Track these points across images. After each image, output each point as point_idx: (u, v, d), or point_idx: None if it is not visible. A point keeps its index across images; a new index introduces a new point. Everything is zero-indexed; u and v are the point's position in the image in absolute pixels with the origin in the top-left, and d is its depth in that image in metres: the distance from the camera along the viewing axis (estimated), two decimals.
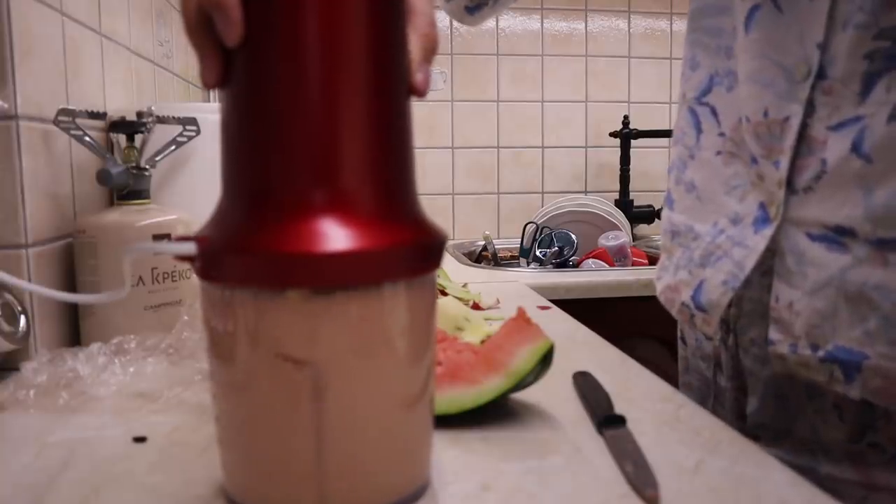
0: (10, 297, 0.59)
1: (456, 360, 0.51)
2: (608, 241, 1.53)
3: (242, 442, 0.36)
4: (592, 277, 1.28)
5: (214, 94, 1.33)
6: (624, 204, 1.79)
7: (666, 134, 1.71)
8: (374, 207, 0.34)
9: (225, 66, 0.34)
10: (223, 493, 0.38)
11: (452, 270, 1.29)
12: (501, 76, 1.87)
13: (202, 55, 0.34)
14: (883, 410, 0.49)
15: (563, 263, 1.50)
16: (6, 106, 0.60)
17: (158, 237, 0.68)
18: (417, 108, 0.39)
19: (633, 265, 1.50)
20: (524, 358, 0.49)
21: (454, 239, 1.82)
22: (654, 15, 1.91)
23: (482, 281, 1.20)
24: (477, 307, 0.90)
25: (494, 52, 1.86)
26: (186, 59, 1.27)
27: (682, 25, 1.89)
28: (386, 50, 0.35)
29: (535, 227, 1.59)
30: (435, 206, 1.84)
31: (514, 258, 1.68)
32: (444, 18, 1.73)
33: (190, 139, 0.76)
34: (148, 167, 0.72)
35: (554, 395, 0.54)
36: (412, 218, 0.36)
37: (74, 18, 0.73)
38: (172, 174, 0.81)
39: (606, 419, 0.47)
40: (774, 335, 0.52)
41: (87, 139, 0.68)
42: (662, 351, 1.15)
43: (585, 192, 1.91)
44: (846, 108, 0.47)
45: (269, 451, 0.35)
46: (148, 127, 0.72)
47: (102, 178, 0.69)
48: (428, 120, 1.83)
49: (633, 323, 1.20)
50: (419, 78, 0.36)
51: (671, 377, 0.65)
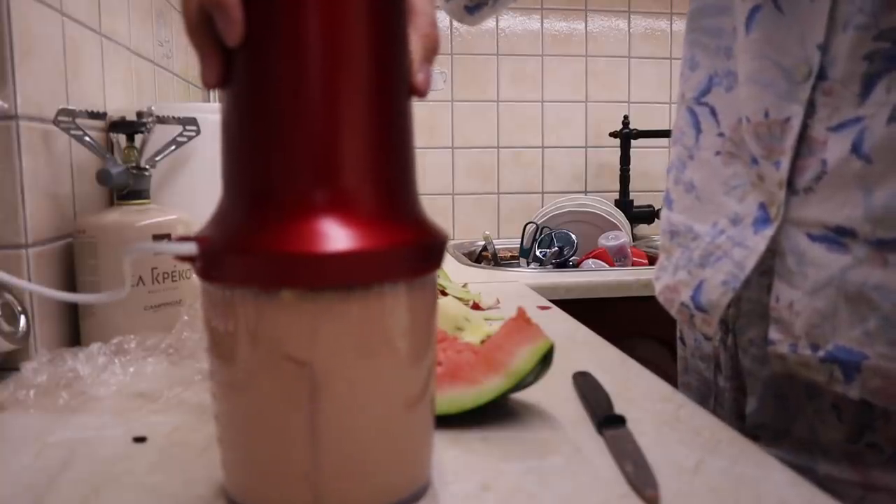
0: (10, 297, 0.59)
1: (456, 360, 0.51)
2: (608, 241, 1.53)
3: (242, 442, 0.36)
4: (592, 277, 1.28)
5: (214, 94, 1.33)
6: (624, 204, 1.79)
7: (666, 134, 1.71)
8: (375, 207, 0.34)
9: (225, 65, 0.34)
10: (223, 493, 0.38)
11: (452, 270, 1.29)
12: (501, 76, 1.87)
13: (203, 55, 0.34)
14: (881, 411, 0.49)
15: (563, 263, 1.50)
16: (6, 106, 0.60)
17: (158, 237, 0.68)
18: (418, 108, 0.39)
19: (633, 265, 1.50)
20: (524, 358, 0.49)
21: (454, 239, 1.82)
22: (654, 15, 1.91)
23: (482, 281, 1.20)
24: (477, 307, 0.90)
25: (494, 52, 1.86)
26: (186, 59, 1.27)
27: (682, 25, 1.89)
28: (387, 50, 0.35)
29: (535, 227, 1.59)
30: (435, 206, 1.84)
31: (514, 258, 1.68)
32: (444, 18, 1.73)
33: (190, 139, 0.76)
34: (148, 167, 0.72)
35: (554, 395, 0.54)
36: (413, 218, 0.36)
37: (74, 18, 0.73)
38: (172, 174, 0.81)
39: (606, 419, 0.47)
40: (774, 335, 0.52)
41: (87, 139, 0.68)
42: (662, 351, 1.15)
43: (585, 192, 1.91)
44: (846, 108, 0.47)
45: (267, 451, 0.35)
46: (148, 127, 0.72)
47: (102, 178, 0.69)
48: (428, 120, 1.83)
49: (632, 323, 1.20)
50: (420, 78, 0.37)
51: (671, 377, 0.65)
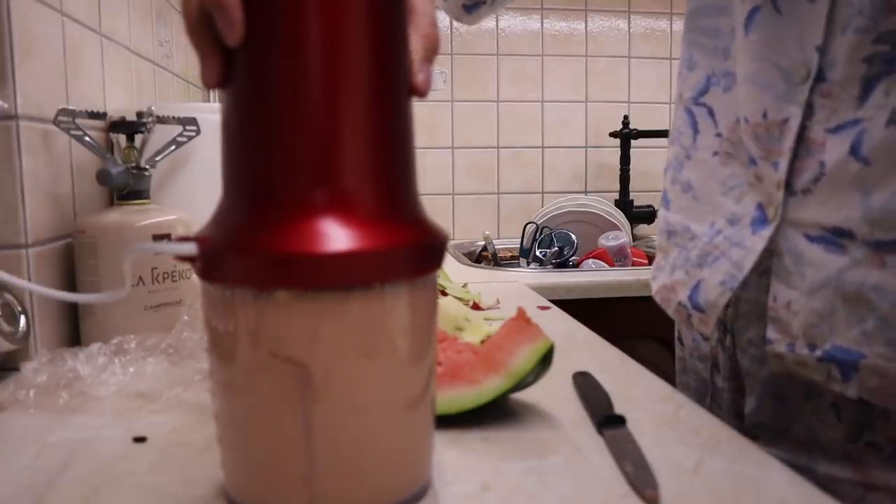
0: (10, 297, 0.59)
1: (456, 360, 0.51)
2: (608, 241, 1.53)
3: (241, 442, 0.36)
4: (592, 277, 1.28)
5: (214, 94, 1.33)
6: (624, 204, 1.79)
7: (666, 134, 1.71)
8: (375, 207, 0.34)
9: (226, 65, 0.34)
10: (223, 493, 0.38)
11: (452, 270, 1.29)
12: (501, 76, 1.87)
13: (203, 55, 0.34)
14: (881, 410, 0.49)
15: (563, 263, 1.50)
16: (6, 106, 0.60)
17: (158, 237, 0.69)
18: (418, 108, 0.39)
19: (632, 265, 1.50)
20: (524, 358, 0.49)
21: (454, 239, 1.82)
22: (654, 15, 1.91)
23: (482, 281, 1.20)
24: (477, 307, 0.90)
25: (494, 52, 1.86)
26: (186, 59, 1.27)
27: (681, 25, 1.89)
28: (387, 50, 0.35)
29: (535, 227, 1.59)
30: (435, 206, 1.84)
31: (514, 258, 1.68)
32: (444, 18, 1.73)
33: (190, 139, 0.76)
34: (148, 167, 0.72)
35: (554, 395, 0.54)
36: (413, 218, 0.36)
37: (74, 18, 0.73)
38: (172, 174, 0.81)
39: (606, 419, 0.47)
40: (772, 334, 0.52)
41: (87, 139, 0.68)
42: (662, 351, 1.15)
43: (585, 192, 1.91)
44: (845, 111, 0.47)
45: (266, 451, 0.35)
46: (148, 127, 0.72)
47: (102, 178, 0.69)
48: (428, 120, 1.83)
49: (632, 323, 1.20)
50: (420, 78, 0.37)
51: (671, 377, 0.65)
